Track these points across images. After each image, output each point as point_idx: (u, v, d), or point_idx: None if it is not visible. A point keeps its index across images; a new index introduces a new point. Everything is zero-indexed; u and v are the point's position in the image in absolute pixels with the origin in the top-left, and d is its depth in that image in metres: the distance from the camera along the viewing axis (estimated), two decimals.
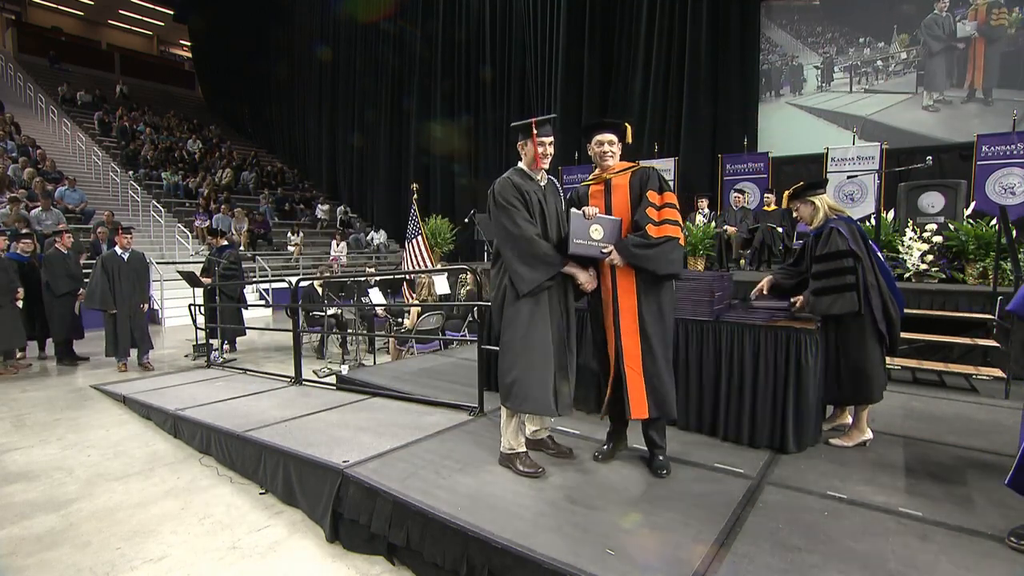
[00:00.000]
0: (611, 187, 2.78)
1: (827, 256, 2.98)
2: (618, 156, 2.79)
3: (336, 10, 18.79)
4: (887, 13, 9.56)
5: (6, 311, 6.50)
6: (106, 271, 6.60)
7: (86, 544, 2.81)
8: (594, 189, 2.83)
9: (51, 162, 14.26)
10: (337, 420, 3.73)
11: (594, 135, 2.77)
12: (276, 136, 22.89)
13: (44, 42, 24.80)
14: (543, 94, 12.84)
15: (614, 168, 2.78)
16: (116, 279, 6.61)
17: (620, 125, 2.78)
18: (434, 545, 2.33)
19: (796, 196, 3.21)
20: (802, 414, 2.92)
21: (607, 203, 2.77)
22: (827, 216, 3.09)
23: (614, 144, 2.75)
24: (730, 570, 1.93)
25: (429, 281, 7.56)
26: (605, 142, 2.74)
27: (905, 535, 2.15)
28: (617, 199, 2.76)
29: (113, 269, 6.63)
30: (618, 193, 2.76)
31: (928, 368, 4.62)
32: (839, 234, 2.96)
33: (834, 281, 2.94)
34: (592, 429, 3.35)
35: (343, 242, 14.91)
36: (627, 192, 2.74)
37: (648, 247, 2.58)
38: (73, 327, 7.16)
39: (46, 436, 4.44)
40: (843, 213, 3.13)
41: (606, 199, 2.78)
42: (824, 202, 3.13)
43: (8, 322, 6.52)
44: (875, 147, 8.60)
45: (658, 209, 2.65)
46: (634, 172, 2.76)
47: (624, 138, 2.77)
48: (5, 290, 6.49)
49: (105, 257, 6.79)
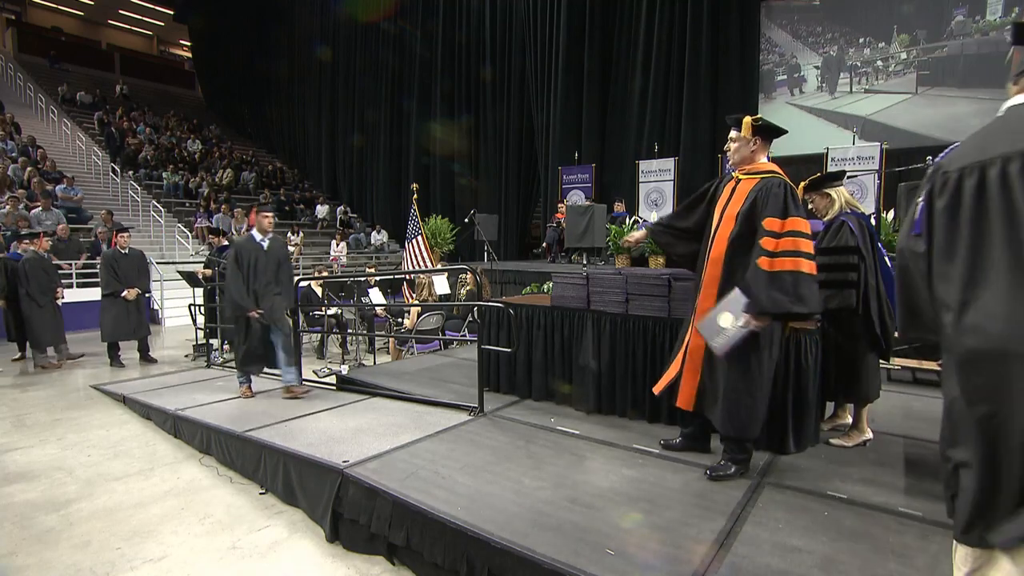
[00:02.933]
0: (738, 188, 2.63)
1: (834, 250, 2.94)
2: (747, 151, 2.61)
3: (336, 10, 18.78)
4: (887, 13, 9.56)
5: (46, 310, 6.89)
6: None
7: (86, 544, 2.81)
8: (728, 186, 2.71)
9: (51, 162, 14.26)
10: (337, 420, 3.73)
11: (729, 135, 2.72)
12: (276, 136, 22.88)
13: (44, 42, 24.76)
14: (543, 94, 12.84)
15: (750, 167, 2.64)
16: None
17: (735, 119, 2.65)
18: (434, 545, 2.33)
19: (813, 187, 3.12)
20: (802, 414, 2.91)
21: (727, 203, 2.64)
22: (842, 209, 3.04)
23: (735, 140, 2.65)
24: (730, 570, 1.93)
25: (429, 281, 7.56)
26: (729, 139, 2.68)
27: (905, 535, 2.15)
28: (735, 203, 2.60)
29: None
30: (737, 196, 2.60)
31: (928, 368, 4.61)
32: (849, 230, 2.92)
33: (836, 276, 2.92)
34: (592, 429, 3.36)
35: (343, 242, 14.90)
36: (743, 200, 2.57)
37: (767, 286, 2.33)
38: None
39: (46, 436, 4.44)
40: (858, 208, 3.08)
41: (728, 200, 2.65)
42: (841, 194, 3.07)
43: (49, 319, 6.91)
44: (875, 147, 8.59)
45: (776, 238, 2.38)
46: (762, 179, 2.55)
47: (741, 129, 2.62)
48: (45, 288, 6.88)
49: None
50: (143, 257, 7.47)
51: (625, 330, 3.45)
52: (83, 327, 8.56)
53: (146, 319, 7.29)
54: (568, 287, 3.75)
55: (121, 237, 7.14)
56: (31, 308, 6.81)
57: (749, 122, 2.61)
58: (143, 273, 7.31)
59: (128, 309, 6.93)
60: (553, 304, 3.82)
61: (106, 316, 6.86)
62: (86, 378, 6.41)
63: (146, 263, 7.59)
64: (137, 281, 7.08)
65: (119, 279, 6.91)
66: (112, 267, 6.92)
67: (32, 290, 6.80)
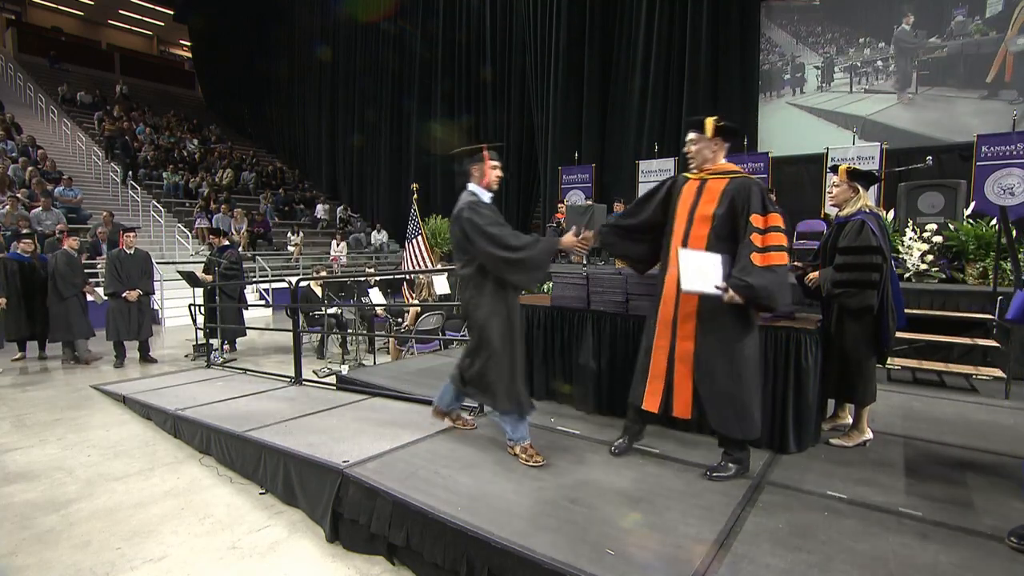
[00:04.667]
0: (704, 188, 2.66)
1: (857, 249, 2.91)
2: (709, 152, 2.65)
3: (336, 10, 18.78)
4: (887, 13, 9.55)
5: (72, 303, 6.99)
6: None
7: (86, 544, 2.81)
8: (689, 186, 2.72)
9: (51, 162, 14.26)
10: (337, 420, 3.73)
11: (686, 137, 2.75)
12: (276, 136, 22.88)
13: (44, 42, 24.78)
14: (543, 94, 12.83)
15: (713, 168, 2.67)
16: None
17: (697, 121, 2.67)
18: (434, 545, 2.33)
19: (854, 176, 3.07)
20: (802, 414, 2.92)
21: (694, 203, 2.66)
22: (863, 208, 3.03)
23: (695, 142, 2.67)
24: (730, 570, 1.93)
25: (429, 281, 7.56)
26: (687, 141, 2.71)
27: (905, 535, 2.15)
28: (705, 203, 2.62)
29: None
30: (708, 197, 2.62)
31: (928, 368, 4.62)
32: (871, 230, 2.89)
33: (858, 275, 2.89)
34: (592, 429, 3.36)
35: (343, 242, 14.91)
36: (716, 199, 2.59)
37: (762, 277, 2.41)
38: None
39: (46, 436, 4.44)
40: (874, 209, 3.08)
41: (695, 199, 2.66)
42: (864, 195, 3.08)
43: (78, 313, 7.06)
44: (875, 147, 8.59)
45: (762, 234, 2.48)
46: (732, 179, 2.60)
47: (703, 131, 2.64)
48: (70, 284, 6.97)
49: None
50: (148, 258, 7.47)
51: (625, 330, 3.45)
52: None
53: (149, 320, 7.29)
54: (568, 287, 3.75)
55: (127, 237, 7.15)
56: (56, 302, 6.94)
57: (712, 123, 2.63)
58: (146, 274, 7.30)
59: (131, 309, 6.94)
60: (553, 304, 3.82)
61: (110, 316, 6.89)
62: (86, 378, 6.41)
63: (151, 264, 7.59)
64: (139, 282, 7.08)
65: (121, 279, 6.92)
66: (115, 267, 6.95)
67: (60, 285, 6.93)
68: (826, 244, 3.16)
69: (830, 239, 3.11)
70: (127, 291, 6.88)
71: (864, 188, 3.08)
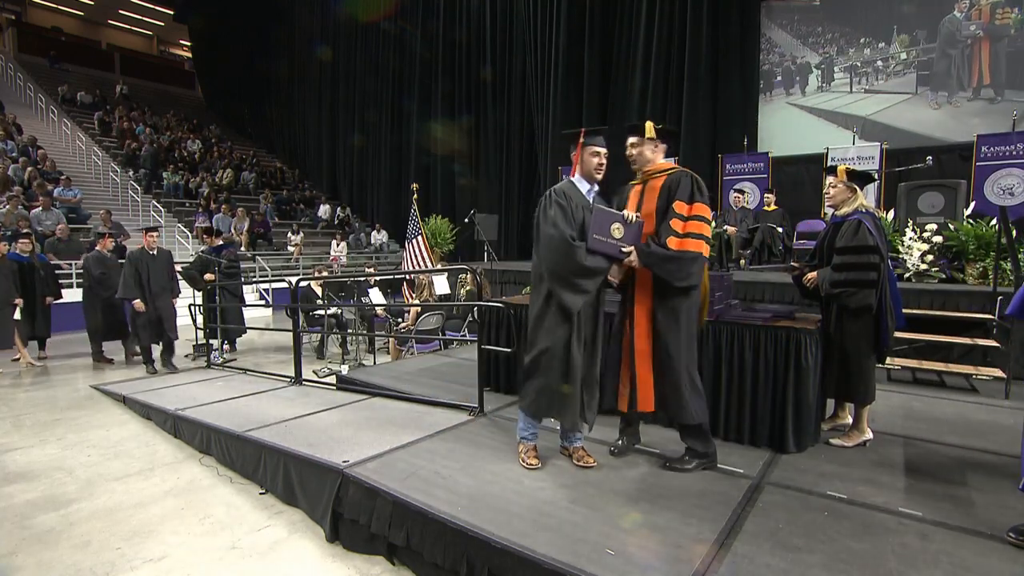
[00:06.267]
0: (646, 188, 2.79)
1: (854, 249, 2.94)
2: (649, 152, 2.79)
3: (336, 10, 18.78)
4: (887, 13, 9.55)
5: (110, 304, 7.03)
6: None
7: (86, 544, 2.81)
8: (635, 189, 2.86)
9: (51, 162, 14.25)
10: (337, 420, 3.73)
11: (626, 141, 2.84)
12: (276, 136, 22.88)
13: (44, 42, 24.78)
14: (543, 94, 12.83)
15: (653, 169, 2.79)
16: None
17: (635, 126, 2.81)
18: (434, 545, 2.33)
19: (854, 176, 3.11)
20: (802, 414, 2.92)
21: (639, 204, 2.79)
22: (859, 208, 3.05)
23: (635, 146, 2.80)
24: (730, 570, 1.93)
25: (429, 281, 7.56)
26: (628, 144, 2.81)
27: (905, 535, 2.15)
28: (648, 201, 2.76)
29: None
30: (650, 195, 2.76)
31: (928, 368, 4.62)
32: (867, 230, 2.92)
33: (856, 275, 2.92)
34: (592, 429, 3.35)
35: (343, 242, 14.91)
36: (657, 195, 2.72)
37: (667, 259, 2.57)
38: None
39: (46, 436, 4.44)
40: (871, 209, 3.11)
41: (640, 200, 2.79)
42: (861, 195, 3.10)
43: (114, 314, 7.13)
44: (875, 147, 8.59)
45: (684, 220, 2.61)
46: (670, 174, 2.73)
47: (643, 134, 2.78)
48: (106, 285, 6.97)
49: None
50: (171, 257, 7.07)
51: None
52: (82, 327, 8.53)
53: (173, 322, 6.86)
54: None
55: (149, 237, 6.73)
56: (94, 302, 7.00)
57: (651, 126, 2.78)
58: (172, 276, 6.96)
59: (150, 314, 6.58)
60: None
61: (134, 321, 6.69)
62: (86, 378, 6.40)
63: (173, 263, 7.13)
64: (167, 283, 6.77)
65: (141, 282, 6.51)
66: (137, 269, 6.51)
67: (95, 285, 6.96)
68: (823, 244, 3.17)
69: (827, 239, 3.13)
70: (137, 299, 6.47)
71: (861, 188, 3.10)
